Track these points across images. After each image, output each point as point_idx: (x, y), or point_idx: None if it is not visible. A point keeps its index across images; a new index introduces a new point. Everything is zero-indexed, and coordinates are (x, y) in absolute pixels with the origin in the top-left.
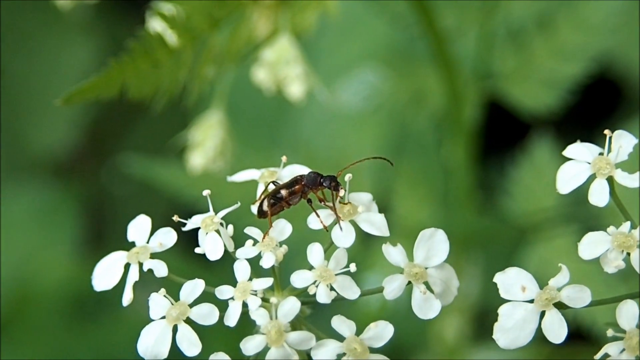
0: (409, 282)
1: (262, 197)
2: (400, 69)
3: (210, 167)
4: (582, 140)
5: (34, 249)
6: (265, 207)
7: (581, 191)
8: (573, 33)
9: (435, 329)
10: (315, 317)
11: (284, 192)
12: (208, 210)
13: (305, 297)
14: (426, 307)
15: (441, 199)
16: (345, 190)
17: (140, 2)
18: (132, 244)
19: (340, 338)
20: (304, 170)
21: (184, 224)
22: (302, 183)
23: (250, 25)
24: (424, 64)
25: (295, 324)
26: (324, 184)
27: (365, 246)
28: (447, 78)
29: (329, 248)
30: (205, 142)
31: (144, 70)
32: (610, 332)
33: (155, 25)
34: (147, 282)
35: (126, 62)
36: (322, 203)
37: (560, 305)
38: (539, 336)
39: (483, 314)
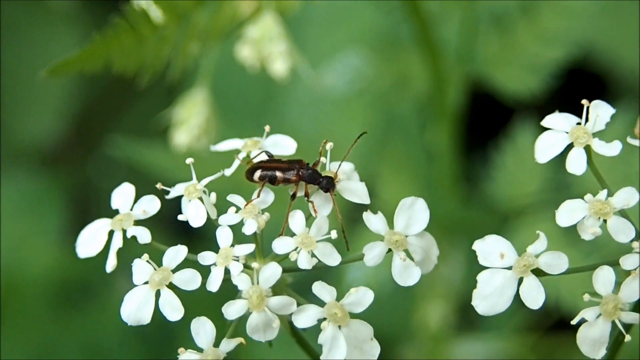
0: (389, 250)
1: (257, 164)
2: (385, 53)
3: (195, 144)
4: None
5: (20, 238)
6: (256, 177)
7: (563, 177)
8: (556, 18)
9: (419, 316)
10: (296, 290)
11: (279, 175)
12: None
13: (287, 264)
14: (406, 274)
15: (425, 184)
16: (326, 159)
17: None
18: (116, 212)
19: (322, 305)
20: (287, 141)
21: (168, 192)
22: (300, 175)
23: (235, 3)
24: (408, 49)
25: (276, 290)
26: (321, 184)
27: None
28: (431, 62)
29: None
30: (190, 120)
31: (128, 45)
32: (586, 297)
33: (140, 1)
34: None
35: (110, 36)
36: (306, 199)
37: (538, 272)
38: (524, 326)
39: (467, 303)
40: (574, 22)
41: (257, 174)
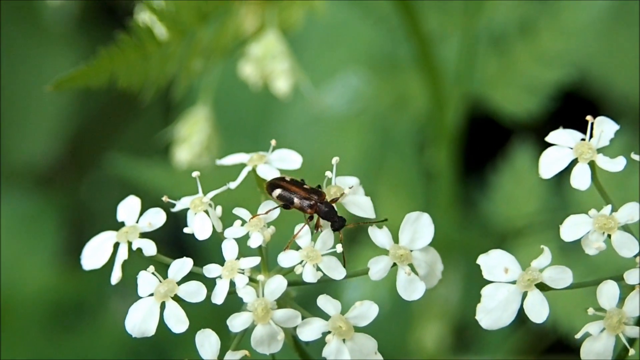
0: (394, 265)
1: (280, 182)
2: (384, 73)
3: (196, 162)
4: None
5: (14, 258)
6: (275, 194)
7: (562, 197)
8: (555, 39)
9: (416, 336)
10: (301, 304)
11: (296, 201)
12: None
13: (291, 278)
14: (411, 288)
15: (422, 204)
16: (332, 174)
17: (121, 14)
18: (122, 225)
19: (326, 318)
20: (292, 155)
21: (173, 205)
22: (316, 209)
23: (238, 21)
24: (407, 69)
25: (280, 304)
26: (334, 224)
27: (349, 254)
28: (430, 82)
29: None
30: (191, 137)
31: (133, 61)
32: (591, 311)
33: (145, 17)
34: (128, 294)
35: (115, 52)
36: (316, 230)
37: (542, 287)
38: (520, 348)
39: (463, 324)
40: (573, 44)
41: (277, 192)
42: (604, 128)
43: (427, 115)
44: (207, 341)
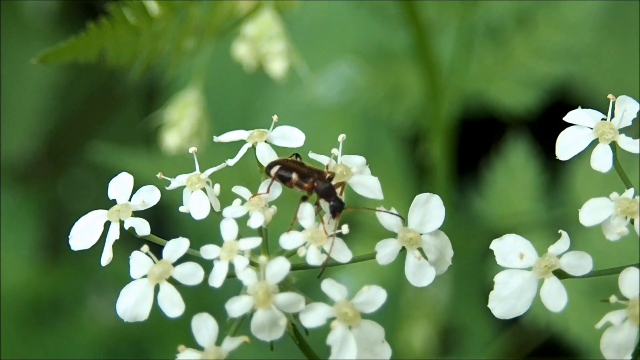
0: (403, 248)
1: (279, 160)
2: (377, 64)
3: (185, 147)
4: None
5: None
6: (273, 171)
7: (555, 196)
8: (552, 32)
9: (404, 337)
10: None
11: (294, 177)
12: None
13: (293, 262)
14: (420, 274)
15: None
16: (339, 151)
17: (99, 11)
18: (113, 203)
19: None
20: (294, 132)
21: (168, 183)
22: (314, 185)
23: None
24: (402, 59)
25: (282, 289)
26: (330, 202)
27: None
28: (426, 74)
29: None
30: (181, 121)
31: (122, 37)
32: (613, 299)
33: None
34: (106, 291)
35: (105, 27)
36: (316, 209)
37: (559, 274)
38: (505, 351)
39: (452, 324)
40: (571, 37)
41: (275, 169)
42: (627, 107)
43: (421, 107)
44: (204, 326)
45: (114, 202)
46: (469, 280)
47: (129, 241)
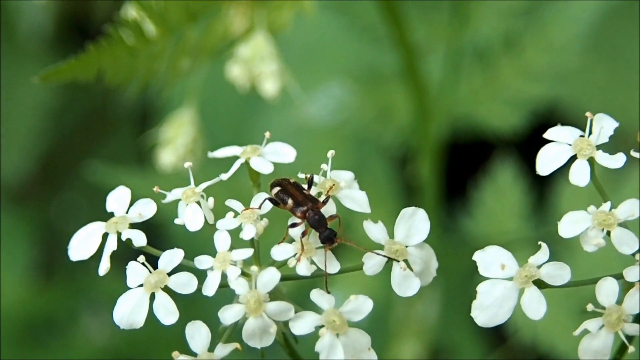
0: (389, 260)
1: (283, 181)
2: (367, 85)
3: (181, 164)
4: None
5: None
6: (273, 192)
7: (542, 214)
8: (539, 54)
9: (393, 355)
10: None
11: (289, 204)
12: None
13: (284, 272)
14: (405, 284)
15: None
16: (328, 167)
17: (93, 34)
18: (110, 215)
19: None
20: (286, 149)
21: (164, 198)
22: (306, 216)
23: (227, 21)
24: (392, 81)
25: (272, 298)
26: (321, 235)
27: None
28: (415, 95)
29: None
30: (176, 140)
31: (120, 57)
32: (590, 307)
33: (133, 14)
34: (99, 310)
35: (104, 48)
36: (301, 238)
37: (539, 284)
38: None
39: (442, 342)
40: (558, 59)
41: (275, 190)
42: (604, 124)
43: (410, 128)
44: (198, 333)
45: (111, 215)
46: (459, 299)
47: (120, 262)
